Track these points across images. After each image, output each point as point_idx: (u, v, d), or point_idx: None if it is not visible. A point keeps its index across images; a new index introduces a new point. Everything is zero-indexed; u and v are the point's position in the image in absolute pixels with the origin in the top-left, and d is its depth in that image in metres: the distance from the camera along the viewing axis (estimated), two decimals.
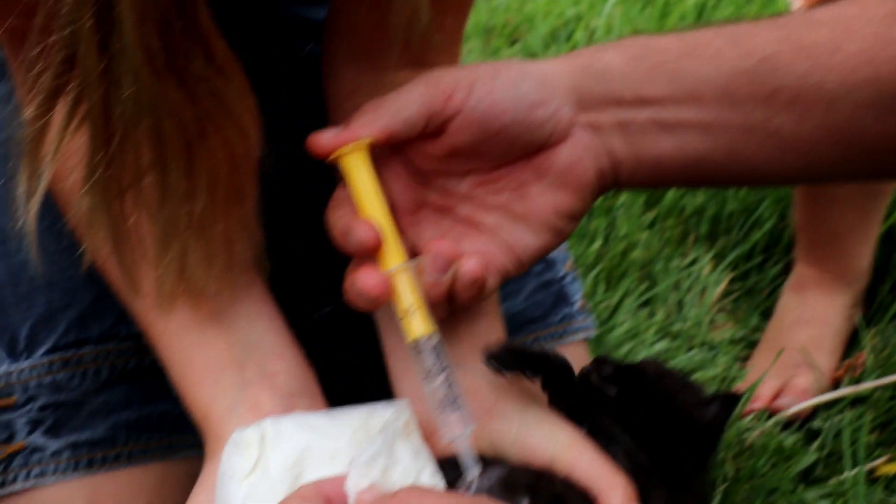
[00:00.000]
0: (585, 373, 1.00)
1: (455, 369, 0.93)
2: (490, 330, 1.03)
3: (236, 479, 0.90)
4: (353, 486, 0.83)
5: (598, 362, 1.01)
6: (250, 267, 1.01)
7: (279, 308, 1.04)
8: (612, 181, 0.93)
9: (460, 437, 0.90)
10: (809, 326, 1.67)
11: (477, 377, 0.98)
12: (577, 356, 1.38)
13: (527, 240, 0.93)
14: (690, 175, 0.93)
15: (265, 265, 1.02)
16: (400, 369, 1.02)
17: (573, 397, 1.00)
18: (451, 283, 0.91)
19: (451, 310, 0.95)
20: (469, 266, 0.90)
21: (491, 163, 0.93)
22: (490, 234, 0.94)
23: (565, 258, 1.40)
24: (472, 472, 0.90)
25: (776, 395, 1.59)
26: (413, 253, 0.93)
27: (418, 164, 0.94)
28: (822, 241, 1.71)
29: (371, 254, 0.90)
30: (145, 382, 1.18)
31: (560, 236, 0.94)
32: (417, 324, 0.90)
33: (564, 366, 0.99)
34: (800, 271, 1.75)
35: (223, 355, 0.98)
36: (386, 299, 0.90)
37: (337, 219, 0.91)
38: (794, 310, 1.71)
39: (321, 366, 1.06)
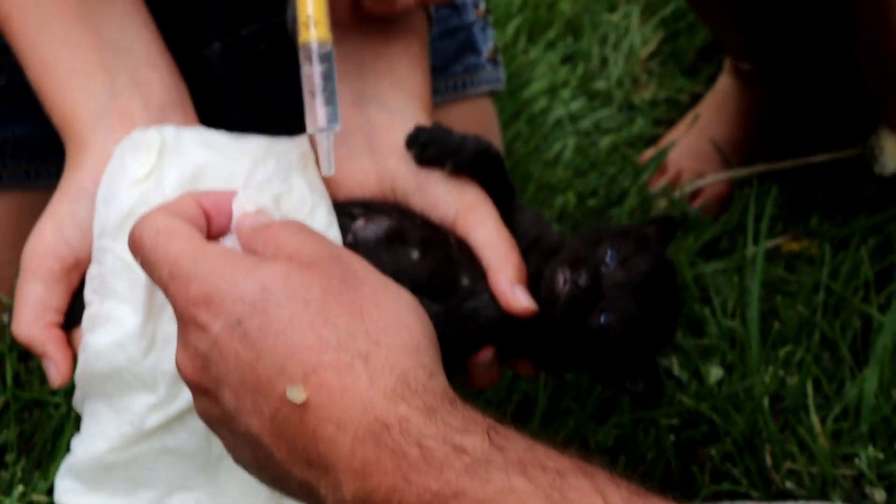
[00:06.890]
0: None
1: (371, 103, 0.89)
2: (413, 71, 0.95)
3: (128, 181, 0.83)
4: (239, 207, 0.77)
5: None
6: None
7: (150, 15, 0.95)
8: None
9: (324, 131, 0.83)
10: (735, 124, 1.57)
11: (393, 115, 0.91)
12: (481, 110, 1.31)
13: None
14: None
15: None
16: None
17: (505, 191, 0.91)
18: None
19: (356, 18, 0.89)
20: None
21: None
22: None
23: (476, 2, 1.30)
24: (327, 173, 0.83)
25: (682, 174, 1.52)
26: None
27: None
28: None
29: None
30: (1, 103, 1.09)
31: None
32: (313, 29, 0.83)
33: (495, 156, 0.91)
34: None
35: (91, 58, 0.90)
36: None
37: None
38: (727, 100, 1.60)
39: (214, 99, 0.99)
